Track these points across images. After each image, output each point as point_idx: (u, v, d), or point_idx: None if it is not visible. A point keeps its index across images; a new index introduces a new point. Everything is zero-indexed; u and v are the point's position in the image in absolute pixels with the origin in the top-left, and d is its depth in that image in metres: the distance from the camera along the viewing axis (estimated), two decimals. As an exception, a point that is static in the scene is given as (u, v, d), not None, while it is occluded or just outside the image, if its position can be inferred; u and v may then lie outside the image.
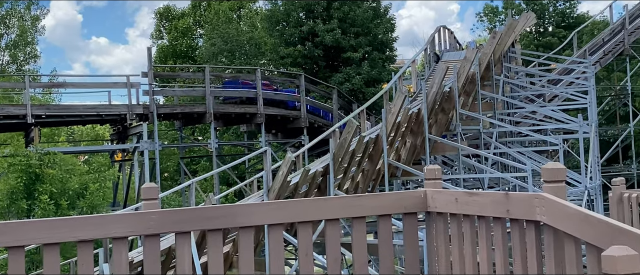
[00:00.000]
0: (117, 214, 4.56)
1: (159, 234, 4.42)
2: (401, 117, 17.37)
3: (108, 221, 4.36)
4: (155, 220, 4.37)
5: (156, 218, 4.38)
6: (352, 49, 36.88)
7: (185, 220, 4.48)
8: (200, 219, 4.58)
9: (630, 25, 33.08)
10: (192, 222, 4.55)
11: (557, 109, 24.77)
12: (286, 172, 14.37)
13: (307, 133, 27.50)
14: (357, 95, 35.79)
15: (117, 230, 4.24)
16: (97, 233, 4.30)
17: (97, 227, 4.28)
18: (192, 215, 4.59)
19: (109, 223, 4.31)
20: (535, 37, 49.80)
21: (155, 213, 4.45)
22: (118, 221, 4.31)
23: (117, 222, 4.29)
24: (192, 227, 4.61)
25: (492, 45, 24.32)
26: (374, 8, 39.42)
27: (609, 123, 40.81)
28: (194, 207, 12.27)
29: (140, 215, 4.44)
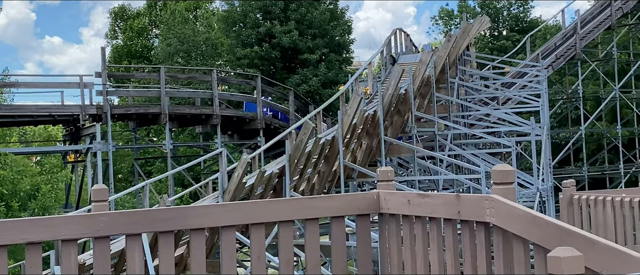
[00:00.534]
0: (67, 216, 4.49)
1: (108, 236, 4.38)
2: (357, 119, 17.45)
3: (58, 223, 4.30)
4: (105, 222, 4.33)
5: (106, 220, 4.34)
6: (309, 51, 36.89)
7: (136, 223, 4.45)
8: (151, 221, 4.54)
9: (581, 30, 33.68)
10: (143, 224, 4.51)
11: (510, 111, 25.10)
12: (242, 174, 14.32)
13: (264, 134, 27.45)
14: (314, 96, 35.83)
15: (67, 233, 4.19)
16: (46, 235, 4.24)
17: (47, 229, 4.23)
18: (143, 217, 4.55)
19: (59, 225, 4.26)
20: (490, 41, 50.44)
21: (106, 215, 4.41)
22: (68, 223, 4.26)
23: (67, 224, 4.24)
24: (143, 229, 4.57)
25: (447, 48, 24.57)
26: (331, 10, 39.49)
27: (561, 126, 41.51)
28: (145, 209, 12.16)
29: (90, 217, 4.40)
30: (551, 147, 28.82)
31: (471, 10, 50.11)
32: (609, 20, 34.82)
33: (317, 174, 17.14)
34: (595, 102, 39.95)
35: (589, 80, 41.65)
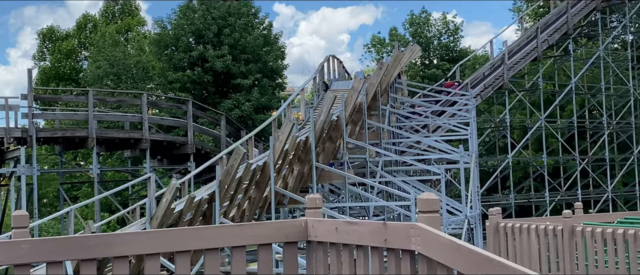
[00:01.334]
0: (-17, 243, 4.34)
1: (29, 264, 4.25)
2: (289, 145, 17.42)
3: (-25, 250, 4.15)
4: (26, 250, 4.19)
5: (26, 247, 4.20)
6: (242, 76, 36.81)
7: (58, 250, 4.31)
8: (73, 248, 4.41)
9: (509, 61, 34.49)
10: (65, 252, 4.38)
11: (440, 139, 25.42)
12: (170, 199, 14.12)
13: (194, 159, 27.15)
14: (246, 122, 35.70)
15: (-17, 260, 4.05)
16: (-38, 262, 4.09)
17: (-37, 256, 4.07)
18: (65, 244, 4.41)
19: (-24, 252, 4.11)
20: (421, 69, 51.26)
21: (26, 242, 4.26)
22: (-16, 250, 4.12)
23: (-17, 252, 4.10)
24: (64, 256, 4.43)
25: (379, 76, 24.80)
26: (265, 35, 39.57)
27: (489, 154, 42.33)
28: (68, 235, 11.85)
29: (10, 244, 4.25)
30: (479, 174, 29.32)
31: (402, 39, 50.90)
32: (536, 52, 35.77)
33: (248, 199, 17.02)
34: (522, 131, 40.89)
35: (516, 110, 42.67)
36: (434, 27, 52.84)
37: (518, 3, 55.89)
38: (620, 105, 41.59)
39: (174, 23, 38.42)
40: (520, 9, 53.73)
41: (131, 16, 49.14)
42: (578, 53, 42.09)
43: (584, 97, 41.54)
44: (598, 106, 41.02)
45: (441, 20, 53.24)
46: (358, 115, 23.12)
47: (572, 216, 11.11)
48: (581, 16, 38.71)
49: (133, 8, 50.15)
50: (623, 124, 40.61)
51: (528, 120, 39.11)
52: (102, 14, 49.80)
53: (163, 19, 39.63)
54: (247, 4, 39.00)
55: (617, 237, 10.06)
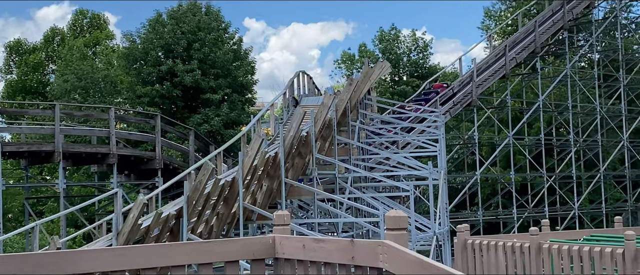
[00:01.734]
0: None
1: (-11, 281, 4.15)
2: (258, 161, 17.34)
3: None
4: (-13, 266, 4.10)
5: (-12, 264, 4.11)
6: (211, 91, 36.66)
7: (20, 266, 4.22)
8: (36, 265, 4.32)
9: (477, 78, 34.79)
10: (28, 268, 4.29)
11: (409, 156, 25.51)
12: (137, 215, 13.96)
13: (162, 174, 26.92)
14: (215, 137, 35.53)
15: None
16: None
17: None
18: (28, 261, 4.33)
19: None
20: (391, 86, 51.48)
21: (-12, 258, 4.18)
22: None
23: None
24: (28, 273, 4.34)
25: (348, 92, 24.84)
26: (235, 50, 39.49)
27: (458, 170, 42.57)
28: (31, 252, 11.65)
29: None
30: (448, 191, 29.46)
31: (372, 56, 51.12)
32: (504, 70, 36.13)
33: (216, 215, 16.89)
34: (490, 148, 41.20)
35: (484, 127, 42.98)
36: (403, 44, 53.15)
37: (486, 21, 56.50)
38: (587, 123, 42.13)
39: (143, 37, 38.20)
40: (488, 27, 54.30)
41: (100, 30, 48.78)
42: (545, 71, 42.58)
43: (552, 114, 42.01)
44: (565, 124, 41.48)
45: (411, 37, 53.59)
46: (328, 131, 23.12)
47: (539, 233, 11.18)
48: (548, 35, 39.22)
49: (102, 21, 49.80)
50: (589, 141, 41.11)
51: (496, 137, 39.42)
52: (70, 27, 49.37)
53: (132, 32, 39.42)
54: (217, 19, 38.91)
55: (583, 254, 10.13)
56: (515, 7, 51.76)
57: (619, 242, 11.12)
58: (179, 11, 38.34)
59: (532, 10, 48.42)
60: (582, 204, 40.33)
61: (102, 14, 50.26)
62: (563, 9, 38.99)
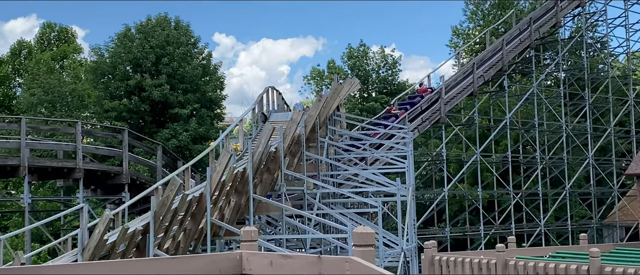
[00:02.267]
0: None
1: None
2: (226, 176, 17.26)
3: None
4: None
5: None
6: (180, 105, 36.47)
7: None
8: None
9: (446, 95, 35.02)
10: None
11: (378, 172, 25.57)
12: (103, 230, 13.81)
13: (129, 190, 26.68)
14: (183, 152, 35.32)
15: None
16: None
17: None
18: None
19: None
20: (360, 102, 51.63)
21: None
22: None
23: None
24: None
25: (317, 108, 24.87)
26: (204, 65, 39.37)
27: (426, 187, 42.77)
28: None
29: None
30: (416, 207, 29.56)
31: (341, 72, 51.28)
32: (472, 87, 36.42)
33: (183, 231, 16.77)
34: (458, 164, 41.48)
35: (452, 144, 43.28)
36: (372, 61, 53.41)
37: (455, 39, 57.01)
38: (553, 140, 42.62)
39: (112, 51, 37.93)
40: (457, 45, 54.78)
41: (67, 43, 48.35)
42: (512, 89, 43.04)
43: (518, 132, 42.43)
44: (531, 141, 41.92)
45: (380, 53, 53.87)
46: (296, 147, 23.11)
47: (505, 250, 11.25)
48: (516, 53, 39.65)
49: (69, 35, 49.37)
50: (555, 159, 41.56)
51: (464, 154, 39.70)
52: (37, 41, 48.88)
53: (100, 46, 39.12)
54: (186, 33, 38.79)
55: (549, 271, 10.22)
56: (482, 26, 52.33)
57: (584, 259, 11.23)
58: (148, 25, 38.15)
59: (500, 29, 48.97)
60: (548, 221, 40.71)
61: (70, 27, 49.87)
62: (530, 28, 39.48)
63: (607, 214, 43.29)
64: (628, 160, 42.11)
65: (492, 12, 54.31)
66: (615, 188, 42.15)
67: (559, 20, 41.15)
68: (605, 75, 44.71)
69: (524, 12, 50.03)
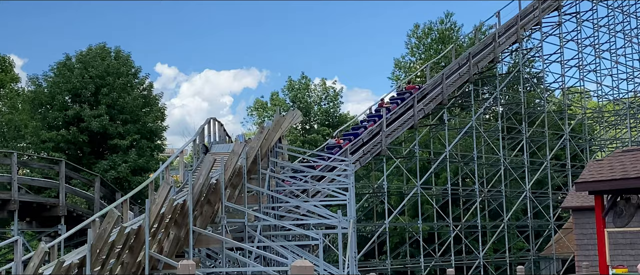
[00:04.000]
0: None
1: None
2: (166, 208, 17.04)
3: None
4: None
5: None
6: (119, 136, 35.98)
7: None
8: None
9: (387, 128, 35.36)
10: None
11: (319, 204, 25.55)
12: (38, 264, 13.46)
13: (66, 222, 26.09)
14: (122, 184, 34.78)
15: None
16: None
17: None
18: None
19: None
20: (302, 134, 51.78)
21: None
22: None
23: None
24: None
25: (259, 140, 24.80)
26: (145, 96, 38.99)
27: (367, 219, 42.94)
28: None
29: None
30: (357, 239, 29.62)
31: (284, 104, 51.40)
32: (412, 120, 36.86)
33: (121, 264, 16.44)
34: (399, 197, 41.82)
35: (393, 176, 43.64)
36: (314, 93, 53.69)
37: (397, 72, 57.77)
38: (492, 173, 43.34)
39: (50, 81, 37.28)
40: (398, 78, 55.52)
41: (5, 72, 47.34)
42: (452, 122, 43.72)
43: (458, 165, 43.03)
44: (471, 174, 42.53)
45: (321, 86, 54.21)
46: (238, 179, 22.97)
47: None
48: (455, 87, 40.35)
49: (7, 64, 48.36)
50: (494, 192, 42.23)
51: (405, 187, 40.06)
52: (-27, 69, 47.78)
53: (38, 76, 38.40)
54: (127, 64, 38.41)
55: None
56: (424, 59, 53.20)
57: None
58: (88, 55, 37.67)
59: (440, 63, 49.82)
60: (487, 253, 41.25)
61: (8, 56, 48.86)
62: (469, 63, 40.25)
63: (544, 246, 44.08)
64: (564, 193, 43.07)
65: (433, 46, 55.32)
66: (552, 221, 42.97)
67: (497, 56, 42.06)
68: (542, 110, 45.77)
69: (463, 47, 51.07)
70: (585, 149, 46.92)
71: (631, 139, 47.36)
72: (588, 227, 27.32)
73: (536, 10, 44.08)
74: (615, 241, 22.94)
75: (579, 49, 46.74)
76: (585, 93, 51.94)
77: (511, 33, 43.27)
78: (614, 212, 14.92)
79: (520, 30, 43.35)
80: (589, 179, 14.88)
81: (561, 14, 45.38)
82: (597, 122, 53.33)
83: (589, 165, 15.66)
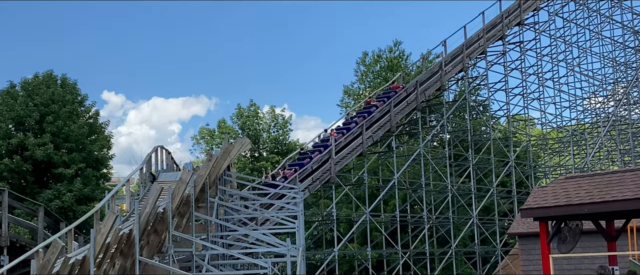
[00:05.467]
0: None
1: None
2: (111, 238, 16.79)
3: None
4: None
5: None
6: (64, 165, 35.35)
7: None
8: None
9: (336, 155, 35.48)
10: None
11: (268, 232, 25.42)
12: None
13: (8, 253, 25.45)
14: (67, 213, 34.11)
15: None
16: None
17: None
18: None
19: None
20: (251, 161, 51.60)
21: None
22: None
23: None
24: None
25: (207, 168, 24.65)
26: (91, 124, 38.45)
27: (317, 247, 42.87)
28: None
29: None
30: (307, 268, 29.52)
31: (233, 132, 51.22)
32: (361, 148, 37.06)
33: (65, 296, 16.10)
34: (348, 224, 41.88)
35: (342, 204, 43.71)
36: (263, 121, 53.66)
37: (346, 99, 58.12)
38: (439, 200, 43.73)
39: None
40: (348, 105, 55.84)
41: (-55, 99, 46.27)
42: (400, 150, 44.06)
43: (406, 192, 43.32)
44: (419, 201, 42.87)
45: (270, 113, 54.22)
46: (185, 207, 22.76)
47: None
48: (403, 115, 40.74)
49: (-52, 91, 47.30)
50: (442, 218, 42.59)
51: (354, 214, 40.12)
52: None
53: (-20, 104, 37.56)
54: (73, 91, 37.88)
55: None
56: (372, 87, 53.64)
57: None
58: (34, 82, 37.06)
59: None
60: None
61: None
62: (416, 91, 40.71)
63: (491, 272, 44.52)
64: (510, 220, 43.66)
65: (382, 74, 55.87)
66: (499, 247, 43.48)
67: (444, 84, 42.63)
68: (488, 137, 46.43)
69: (411, 75, 51.68)
70: (530, 176, 47.69)
71: (574, 166, 48.31)
72: (534, 253, 27.68)
73: (481, 39, 44.87)
74: (560, 267, 23.32)
75: (523, 78, 47.67)
76: (530, 121, 52.99)
77: (457, 61, 43.94)
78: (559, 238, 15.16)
79: (466, 59, 44.05)
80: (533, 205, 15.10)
81: (505, 43, 46.26)
82: (542, 149, 54.33)
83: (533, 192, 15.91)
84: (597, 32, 52.09)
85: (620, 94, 52.91)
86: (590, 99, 54.24)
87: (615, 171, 15.73)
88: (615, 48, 53.99)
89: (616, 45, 54.04)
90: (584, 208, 14.01)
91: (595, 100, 54.62)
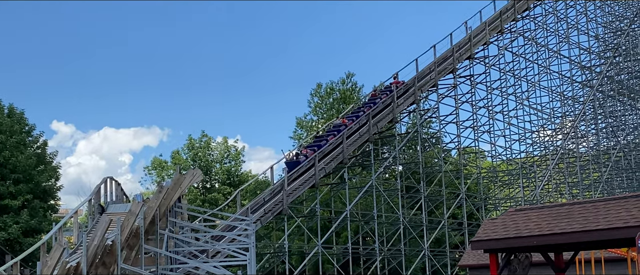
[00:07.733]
0: None
1: None
2: (58, 271, 16.43)
3: None
4: None
5: None
6: (10, 196, 34.66)
7: None
8: None
9: (288, 187, 35.37)
10: None
11: (219, 265, 25.16)
12: None
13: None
14: (13, 246, 33.37)
15: None
16: None
17: None
18: None
19: None
20: (202, 193, 51.17)
21: None
22: None
23: None
24: None
25: (158, 199, 24.37)
26: (39, 155, 37.81)
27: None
28: None
29: None
30: (258, 300, 29.19)
31: (185, 163, 50.78)
32: (313, 179, 37.01)
33: (8, 331, 15.66)
34: (300, 256, 41.66)
35: (294, 235, 43.50)
36: (215, 151, 53.36)
37: (299, 131, 58.16)
38: (391, 232, 43.81)
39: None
40: (300, 137, 55.86)
41: None
42: (353, 181, 44.11)
43: (358, 223, 43.32)
44: (371, 233, 42.88)
45: (223, 144, 53.95)
46: (135, 239, 22.42)
47: None
48: (356, 147, 40.85)
49: None
50: (394, 250, 42.65)
51: (306, 246, 39.94)
52: None
53: None
54: (20, 121, 37.24)
55: None
56: (326, 118, 53.80)
57: None
58: (-21, 112, 36.43)
59: (341, 123, 50.43)
60: (388, 312, 41.38)
61: None
62: (369, 123, 40.92)
63: (443, 303, 44.67)
64: (461, 252, 43.93)
65: (335, 106, 56.10)
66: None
67: (396, 116, 42.94)
68: (439, 169, 46.80)
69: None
70: (481, 208, 48.13)
71: (524, 198, 48.94)
72: (484, 285, 27.89)
73: (433, 72, 45.40)
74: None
75: (473, 111, 48.26)
76: (480, 153, 53.58)
77: (409, 94, 44.34)
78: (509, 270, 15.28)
79: (418, 92, 44.48)
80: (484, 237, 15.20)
81: (456, 77, 46.85)
82: (492, 181, 54.96)
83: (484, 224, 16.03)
84: (546, 66, 53.16)
85: (568, 127, 53.93)
86: (539, 132, 55.16)
87: (563, 204, 15.95)
88: (563, 82, 55.11)
89: (564, 80, 55.17)
90: (533, 240, 14.14)
91: (544, 134, 55.57)
